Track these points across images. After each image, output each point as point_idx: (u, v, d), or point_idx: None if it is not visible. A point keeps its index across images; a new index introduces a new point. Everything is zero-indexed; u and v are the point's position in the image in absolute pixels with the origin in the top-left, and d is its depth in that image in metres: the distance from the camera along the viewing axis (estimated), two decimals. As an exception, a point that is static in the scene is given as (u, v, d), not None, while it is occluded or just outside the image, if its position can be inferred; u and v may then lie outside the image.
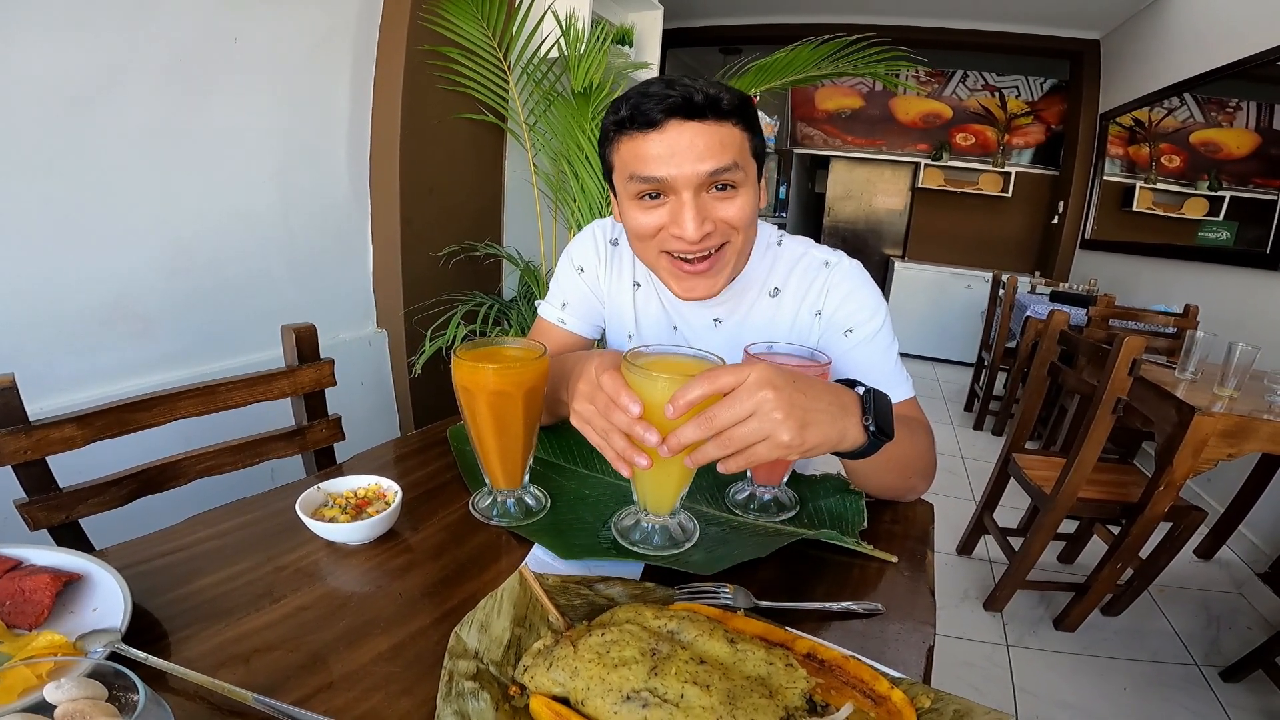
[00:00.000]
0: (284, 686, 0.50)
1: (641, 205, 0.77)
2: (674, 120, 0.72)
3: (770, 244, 0.92)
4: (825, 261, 0.90)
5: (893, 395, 0.74)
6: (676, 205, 0.74)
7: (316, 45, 1.76)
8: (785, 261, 0.92)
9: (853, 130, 5.79)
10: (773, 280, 0.91)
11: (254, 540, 0.70)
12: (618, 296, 0.99)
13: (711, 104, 0.72)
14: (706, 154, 0.72)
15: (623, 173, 0.77)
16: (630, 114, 0.73)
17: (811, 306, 0.89)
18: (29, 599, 0.54)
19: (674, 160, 0.72)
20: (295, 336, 1.01)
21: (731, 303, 0.91)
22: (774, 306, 0.91)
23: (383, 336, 2.11)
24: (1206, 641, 1.89)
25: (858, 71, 2.15)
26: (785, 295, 0.90)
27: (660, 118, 0.71)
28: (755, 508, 0.79)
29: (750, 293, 0.91)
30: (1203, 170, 3.35)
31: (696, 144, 0.72)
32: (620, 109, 0.74)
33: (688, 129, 0.72)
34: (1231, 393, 1.62)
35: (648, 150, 0.73)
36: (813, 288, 0.89)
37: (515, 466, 0.73)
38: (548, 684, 0.45)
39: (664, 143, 0.72)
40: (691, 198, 0.73)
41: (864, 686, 0.47)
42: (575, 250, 1.01)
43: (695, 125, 0.72)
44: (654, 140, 0.72)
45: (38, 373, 1.31)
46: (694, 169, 0.72)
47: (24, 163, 1.26)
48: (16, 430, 0.76)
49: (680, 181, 0.73)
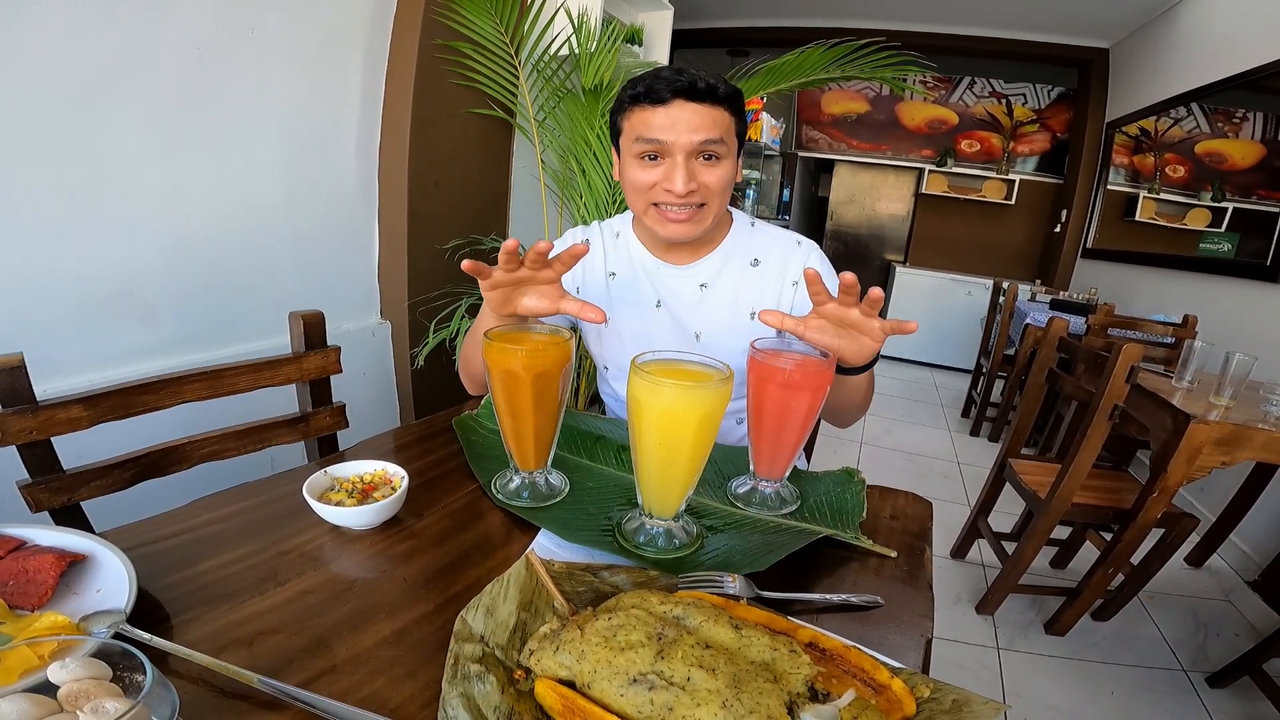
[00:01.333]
0: (288, 669, 0.50)
1: (642, 164, 0.94)
2: (678, 99, 0.89)
3: (747, 223, 1.11)
4: (797, 241, 1.10)
5: None
6: (671, 166, 0.92)
7: (330, 37, 1.77)
8: (762, 238, 1.10)
9: (858, 135, 5.80)
10: (752, 252, 1.08)
11: (258, 524, 0.70)
12: (592, 287, 1.12)
13: (709, 91, 0.90)
14: (700, 128, 0.90)
15: (630, 135, 0.94)
16: (645, 90, 0.90)
17: (791, 277, 1.07)
18: (32, 579, 0.53)
19: (674, 129, 0.90)
20: (303, 323, 1.01)
21: (715, 270, 1.07)
22: (757, 275, 1.07)
23: (386, 327, 2.11)
24: (1194, 648, 1.90)
25: (866, 75, 2.15)
26: (765, 266, 1.07)
27: (668, 96, 0.89)
28: (757, 501, 0.80)
29: (732, 261, 1.07)
30: (1207, 181, 3.35)
31: (693, 120, 0.89)
32: (637, 86, 0.92)
33: (688, 108, 0.89)
34: (1227, 402, 1.63)
35: (654, 120, 0.90)
36: (790, 261, 1.07)
37: (546, 445, 0.78)
38: (554, 667, 0.45)
39: (669, 115, 0.90)
40: (684, 160, 0.91)
41: (864, 675, 0.47)
42: (557, 245, 1.13)
43: (694, 105, 0.89)
44: (660, 113, 0.90)
45: (43, 356, 1.31)
46: (689, 138, 0.90)
47: (38, 148, 1.25)
48: (23, 410, 0.76)
49: (676, 146, 0.90)
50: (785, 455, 0.78)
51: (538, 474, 0.79)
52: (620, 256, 1.11)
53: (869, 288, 0.73)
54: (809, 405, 0.73)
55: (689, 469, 0.65)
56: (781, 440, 0.76)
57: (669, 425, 0.62)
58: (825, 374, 0.74)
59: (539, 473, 0.79)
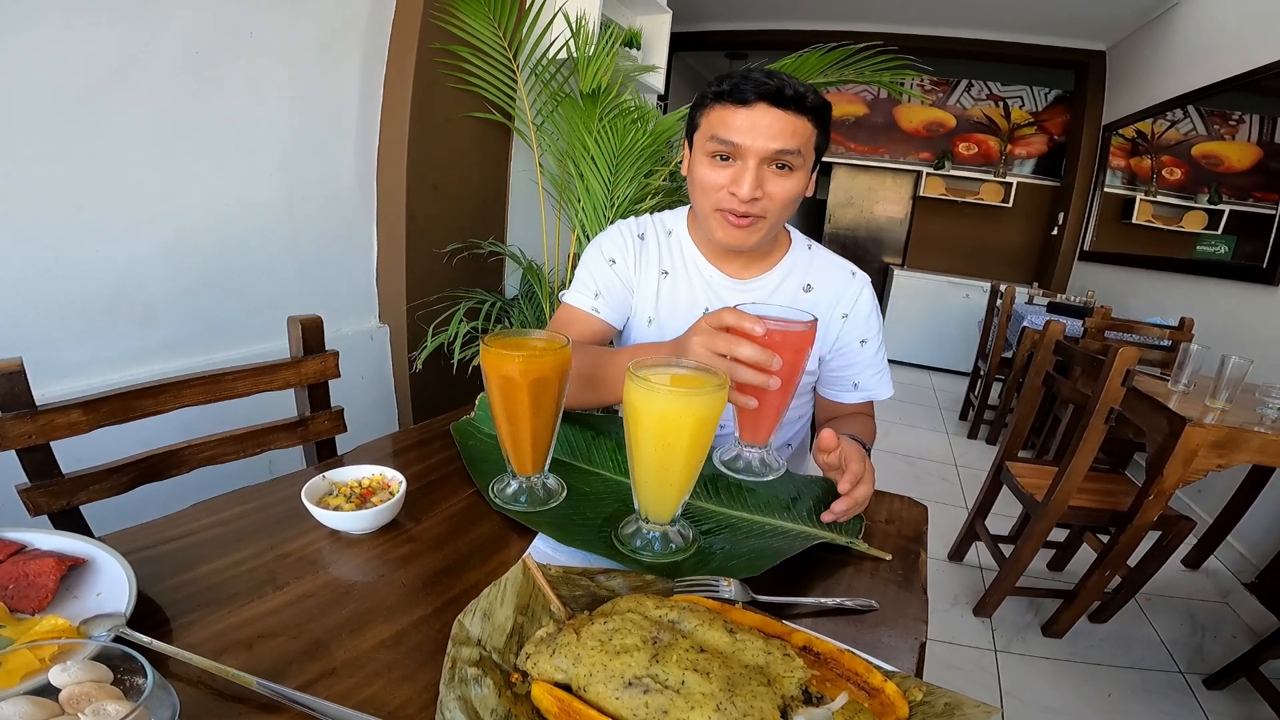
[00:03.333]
0: (287, 672, 0.50)
1: (713, 163, 0.92)
2: (762, 103, 0.86)
3: (805, 245, 1.10)
4: (851, 272, 1.09)
5: (882, 391, 1.10)
6: (741, 169, 0.89)
7: (329, 40, 1.77)
8: (819, 264, 1.08)
9: (856, 137, 5.81)
10: (806, 277, 1.07)
11: (257, 528, 0.70)
12: (645, 285, 1.09)
13: (796, 99, 0.87)
14: (778, 135, 0.87)
15: (706, 132, 0.91)
16: (730, 89, 0.88)
17: (841, 309, 1.06)
18: (33, 583, 0.54)
19: (751, 132, 0.87)
20: (302, 327, 1.02)
21: (769, 290, 1.06)
22: (809, 301, 1.06)
23: (384, 331, 2.11)
24: (1191, 649, 1.91)
25: (864, 79, 2.16)
26: (818, 293, 1.06)
27: (752, 97, 0.87)
28: (742, 468, 0.81)
29: (788, 282, 1.06)
30: (1203, 183, 3.37)
31: (773, 126, 0.86)
32: (723, 84, 0.89)
33: (770, 113, 0.86)
34: (1223, 405, 1.64)
35: (734, 120, 0.88)
36: (845, 293, 1.06)
37: (544, 450, 0.78)
38: (550, 670, 0.46)
39: (749, 117, 0.87)
40: (755, 165, 0.88)
41: (858, 679, 0.48)
42: (606, 244, 1.10)
43: (776, 111, 0.86)
44: (741, 114, 0.87)
45: (41, 358, 1.31)
46: (765, 144, 0.87)
47: (36, 150, 1.26)
48: (23, 414, 0.77)
49: (750, 150, 0.88)
50: (768, 421, 0.79)
51: (535, 478, 0.79)
52: (674, 256, 1.08)
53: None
54: (789, 368, 0.72)
55: (685, 474, 0.66)
56: (764, 404, 0.75)
57: (665, 431, 0.62)
58: (804, 336, 0.73)
59: (536, 477, 0.80)
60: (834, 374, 1.09)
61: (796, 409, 1.16)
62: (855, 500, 0.75)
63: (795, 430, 1.20)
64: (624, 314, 1.10)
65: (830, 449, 0.74)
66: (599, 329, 1.07)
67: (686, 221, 1.10)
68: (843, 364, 1.08)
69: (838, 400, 1.11)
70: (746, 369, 0.69)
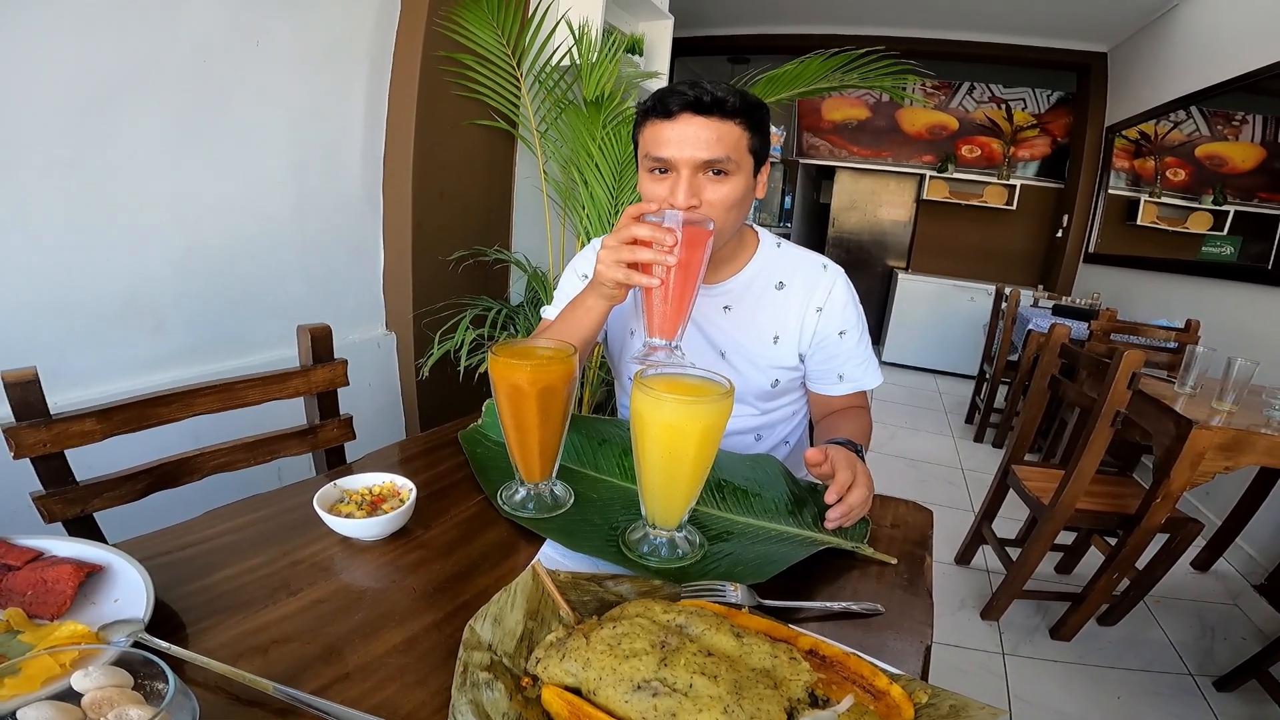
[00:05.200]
0: (302, 677, 0.51)
1: (653, 178, 0.93)
2: (685, 114, 0.87)
3: (773, 244, 1.11)
4: (823, 265, 1.10)
5: (869, 380, 1.12)
6: (676, 180, 0.90)
7: (335, 47, 1.79)
8: (787, 261, 1.10)
9: (858, 141, 5.82)
10: (777, 275, 1.08)
11: (270, 535, 0.72)
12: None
13: (718, 104, 0.87)
14: (705, 145, 0.87)
15: (643, 149, 0.94)
16: (655, 104, 0.90)
17: (815, 304, 1.07)
18: (51, 589, 0.54)
19: (678, 145, 0.88)
20: (311, 336, 1.03)
21: (739, 292, 1.07)
22: (781, 298, 1.07)
23: (391, 338, 2.13)
24: (1201, 652, 1.90)
25: (865, 84, 2.17)
26: (790, 290, 1.08)
27: (675, 109, 0.88)
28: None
29: (758, 283, 1.08)
30: (1208, 184, 3.36)
31: (700, 135, 0.87)
32: (650, 100, 0.92)
33: (694, 122, 0.87)
34: (1230, 407, 1.64)
35: (662, 134, 0.89)
36: (817, 287, 1.07)
37: (551, 457, 0.79)
38: (560, 674, 0.46)
39: (675, 130, 0.88)
40: (689, 175, 0.89)
41: (863, 682, 0.49)
42: (579, 262, 1.16)
43: (701, 120, 0.87)
44: (667, 127, 0.89)
45: (53, 366, 1.33)
46: (692, 154, 0.88)
47: (46, 159, 1.28)
48: (37, 423, 0.78)
49: (680, 162, 0.88)
50: (674, 311, 0.81)
51: (543, 485, 0.80)
52: None
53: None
54: (686, 256, 0.78)
55: (691, 481, 0.66)
56: (666, 290, 0.80)
57: (671, 439, 0.63)
58: (699, 232, 0.80)
59: (544, 484, 0.80)
60: (818, 368, 1.11)
61: (789, 404, 1.18)
62: (850, 506, 0.75)
63: (791, 427, 1.22)
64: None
65: (818, 463, 0.76)
66: None
67: None
68: (825, 357, 1.10)
69: (827, 394, 1.13)
70: (644, 249, 0.78)
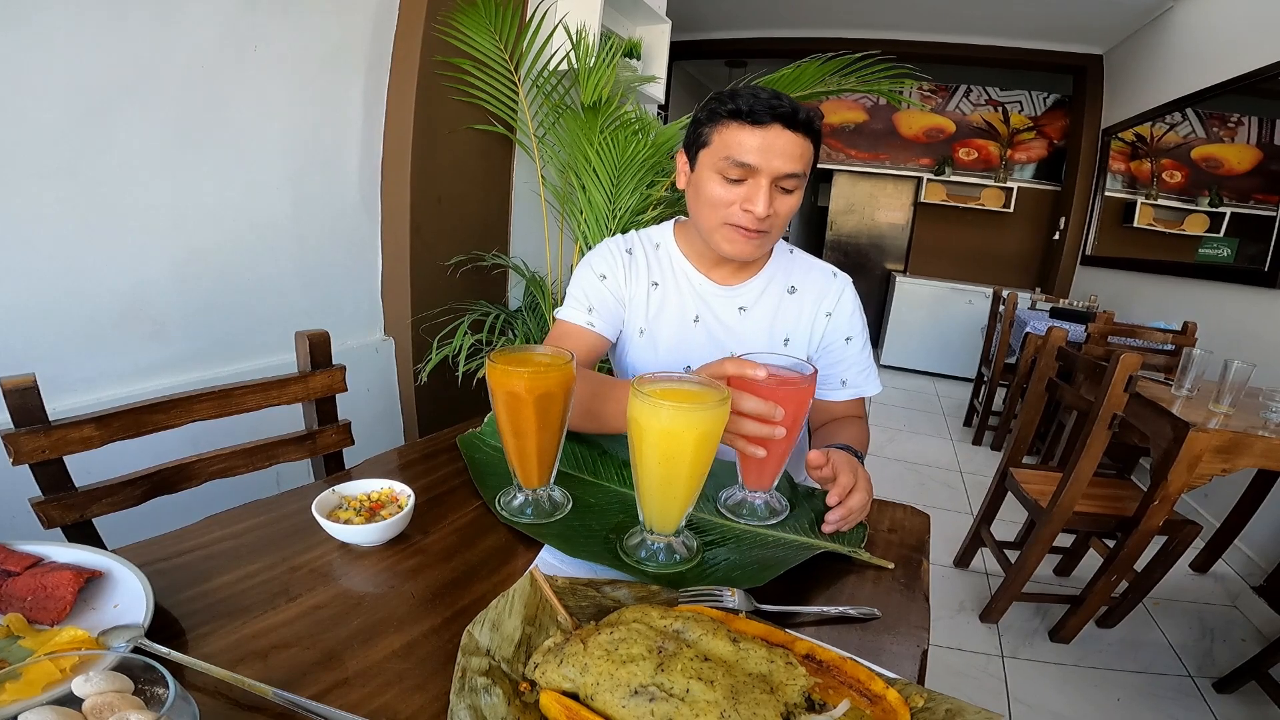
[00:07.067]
0: (301, 682, 0.51)
1: (723, 182, 0.94)
2: (776, 125, 0.89)
3: (786, 250, 1.15)
4: (833, 273, 1.14)
5: (869, 387, 1.14)
6: (755, 188, 0.91)
7: (332, 53, 1.79)
8: (799, 266, 1.13)
9: (856, 144, 5.84)
10: (790, 279, 1.12)
11: (269, 541, 0.72)
12: (636, 297, 1.12)
13: (806, 122, 0.91)
14: (790, 158, 0.90)
15: (719, 151, 0.93)
16: (746, 108, 0.89)
17: (825, 308, 1.11)
18: (51, 595, 0.55)
19: (765, 154, 0.89)
20: (309, 342, 1.03)
21: (755, 294, 1.10)
22: (794, 302, 1.11)
23: (390, 344, 2.13)
24: (1200, 653, 1.90)
25: (862, 87, 2.18)
26: (802, 294, 1.11)
27: (767, 119, 0.89)
28: (747, 512, 0.81)
29: (772, 286, 1.11)
30: (1204, 186, 3.37)
31: (787, 148, 0.90)
32: (736, 101, 0.90)
33: (784, 135, 0.89)
34: (1227, 409, 1.64)
35: (749, 141, 0.90)
36: (827, 293, 1.11)
37: (549, 463, 0.79)
38: (558, 680, 0.47)
39: (764, 138, 0.89)
40: (768, 185, 0.91)
41: (860, 686, 0.49)
42: (595, 261, 1.14)
43: (790, 134, 0.90)
44: (757, 134, 0.89)
45: (51, 372, 1.33)
46: (779, 165, 0.90)
47: (44, 166, 1.28)
48: (36, 429, 0.78)
49: (765, 170, 0.90)
50: (772, 467, 0.80)
51: (541, 491, 0.80)
52: (663, 267, 1.12)
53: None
54: (790, 420, 0.73)
55: (688, 487, 0.67)
56: (769, 453, 0.76)
57: (668, 445, 0.63)
58: (805, 389, 0.74)
59: (542, 490, 0.81)
60: (823, 372, 1.12)
61: None
62: (850, 509, 0.76)
63: None
64: (617, 327, 1.14)
65: (820, 465, 0.76)
66: (594, 342, 1.10)
67: (673, 234, 1.14)
68: (830, 362, 1.12)
69: (828, 399, 1.14)
70: (750, 421, 0.71)
